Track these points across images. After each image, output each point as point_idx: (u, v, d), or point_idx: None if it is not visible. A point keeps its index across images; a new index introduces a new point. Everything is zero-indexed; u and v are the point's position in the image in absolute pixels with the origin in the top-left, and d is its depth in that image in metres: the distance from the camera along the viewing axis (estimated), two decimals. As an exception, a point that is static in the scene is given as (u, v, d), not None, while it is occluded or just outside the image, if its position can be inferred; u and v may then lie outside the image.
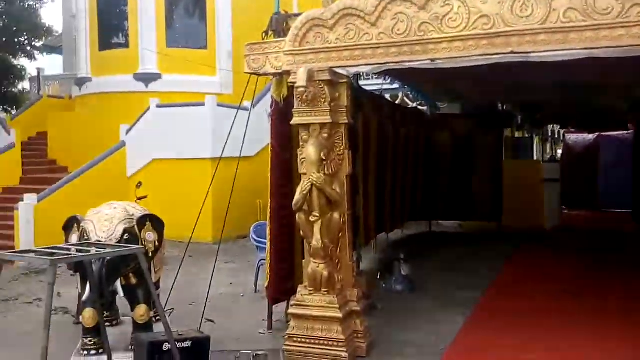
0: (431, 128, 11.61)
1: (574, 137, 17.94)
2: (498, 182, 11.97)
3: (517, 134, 17.07)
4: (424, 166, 11.24)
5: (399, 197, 9.70)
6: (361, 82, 8.74)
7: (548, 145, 23.45)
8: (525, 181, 12.06)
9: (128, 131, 12.19)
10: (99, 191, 9.60)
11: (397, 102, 12.90)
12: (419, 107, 12.45)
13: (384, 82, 10.30)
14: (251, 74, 5.34)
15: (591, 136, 17.04)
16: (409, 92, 12.03)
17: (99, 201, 5.02)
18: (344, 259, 5.20)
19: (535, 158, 18.41)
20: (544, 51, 4.24)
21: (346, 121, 5.10)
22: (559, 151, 21.56)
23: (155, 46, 13.29)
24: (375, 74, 6.51)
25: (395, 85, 10.53)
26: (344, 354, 4.81)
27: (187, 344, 4.28)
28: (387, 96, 12.25)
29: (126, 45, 13.85)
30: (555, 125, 19.90)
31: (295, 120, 5.07)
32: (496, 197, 11.92)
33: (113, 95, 13.31)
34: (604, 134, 16.66)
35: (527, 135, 17.98)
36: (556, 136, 21.81)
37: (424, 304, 6.69)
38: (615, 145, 15.87)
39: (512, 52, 4.30)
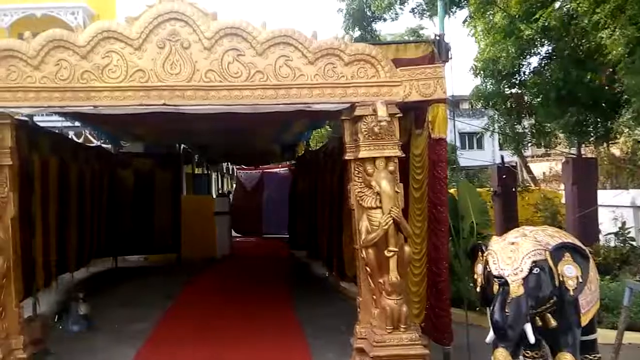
0: (115, 166, 11.91)
1: (244, 173, 20.30)
2: (177, 217, 12.83)
3: (197, 171, 18.32)
4: (108, 203, 11.41)
5: (86, 235, 9.62)
6: (40, 119, 8.46)
7: (226, 181, 25.62)
8: (200, 215, 13.19)
9: None
10: None
11: (81, 139, 12.73)
12: (103, 145, 12.55)
13: (65, 119, 10.08)
14: None
15: (257, 172, 19.61)
16: (92, 130, 12.07)
17: None
18: (9, 305, 5.09)
19: (213, 193, 20.03)
20: (191, 105, 5.08)
21: (10, 163, 5.05)
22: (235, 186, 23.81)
23: None
24: (56, 113, 6.48)
25: (78, 123, 10.41)
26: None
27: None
28: (72, 133, 12.01)
29: None
30: (229, 163, 21.97)
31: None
32: (175, 231, 12.77)
33: None
34: (267, 170, 19.37)
35: (206, 172, 19.46)
36: (231, 172, 24.01)
37: (98, 342, 6.76)
38: (276, 180, 18.65)
39: (164, 104, 5.02)
